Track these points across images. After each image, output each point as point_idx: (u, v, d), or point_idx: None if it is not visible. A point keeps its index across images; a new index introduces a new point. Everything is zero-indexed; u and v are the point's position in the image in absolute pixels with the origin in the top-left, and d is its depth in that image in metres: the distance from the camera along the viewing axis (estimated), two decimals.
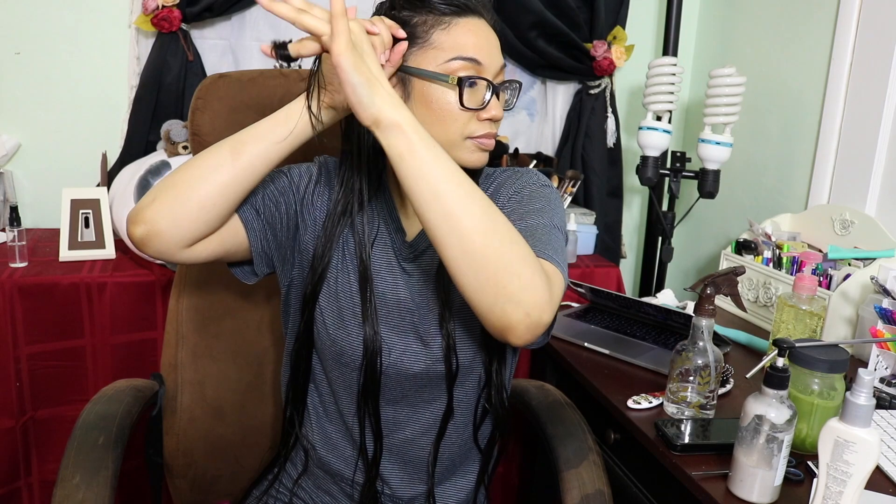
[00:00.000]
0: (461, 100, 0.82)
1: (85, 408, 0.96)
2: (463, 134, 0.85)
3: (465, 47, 0.83)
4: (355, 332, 0.90)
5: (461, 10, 0.84)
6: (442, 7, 0.83)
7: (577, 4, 1.95)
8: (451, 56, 0.82)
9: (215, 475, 1.16)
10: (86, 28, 1.72)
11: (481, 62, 0.83)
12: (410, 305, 0.91)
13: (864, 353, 1.28)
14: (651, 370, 1.24)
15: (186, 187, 0.77)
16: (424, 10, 0.84)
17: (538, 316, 0.71)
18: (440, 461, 0.96)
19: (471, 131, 0.85)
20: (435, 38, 0.83)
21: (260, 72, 1.18)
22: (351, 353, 0.90)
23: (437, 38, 0.83)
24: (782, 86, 1.81)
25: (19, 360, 1.41)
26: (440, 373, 0.91)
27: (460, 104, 0.83)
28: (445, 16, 0.83)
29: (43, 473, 1.49)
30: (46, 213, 1.75)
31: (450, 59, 0.82)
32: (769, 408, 0.83)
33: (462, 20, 0.84)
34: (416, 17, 0.83)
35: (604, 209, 2.06)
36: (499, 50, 0.87)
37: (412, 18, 0.83)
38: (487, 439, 1.01)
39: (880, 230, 1.43)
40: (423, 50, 0.83)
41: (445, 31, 0.83)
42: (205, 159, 0.79)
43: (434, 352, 0.90)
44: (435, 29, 0.83)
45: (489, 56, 0.84)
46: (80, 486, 0.83)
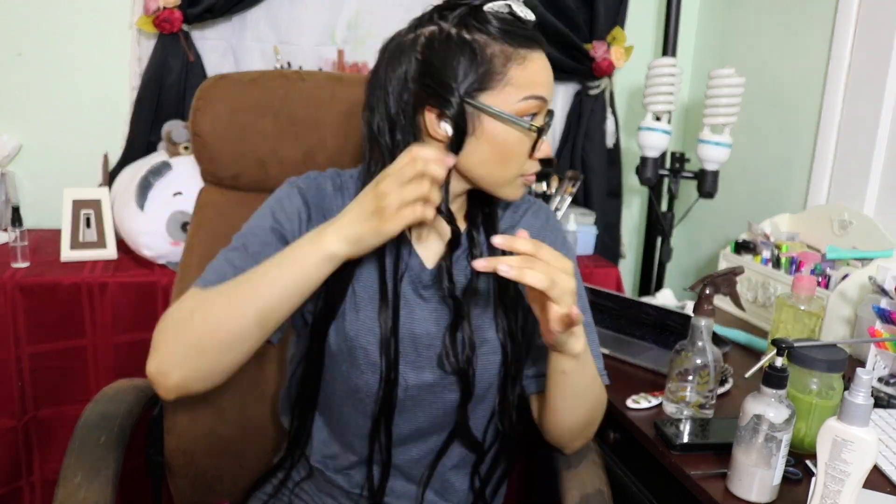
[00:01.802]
0: (533, 147, 0.83)
1: (86, 407, 0.97)
2: (519, 173, 0.85)
3: (539, 85, 0.81)
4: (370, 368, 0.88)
5: (533, 44, 0.81)
6: (518, 39, 0.80)
7: (576, 5, 1.95)
8: (526, 94, 0.80)
9: (215, 475, 1.16)
10: (87, 29, 1.72)
11: (546, 100, 0.82)
12: (431, 336, 0.89)
13: (863, 353, 1.28)
14: (650, 370, 1.24)
15: (215, 358, 0.78)
16: (503, 40, 0.79)
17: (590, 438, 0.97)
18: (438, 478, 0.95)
19: (525, 170, 0.85)
20: (512, 74, 0.79)
21: (261, 72, 1.18)
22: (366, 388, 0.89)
23: (514, 74, 0.79)
24: (781, 86, 1.81)
25: (21, 360, 1.41)
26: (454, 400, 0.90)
27: (530, 152, 0.83)
28: (521, 49, 0.80)
29: (44, 473, 1.50)
30: (48, 213, 1.75)
31: (524, 97, 0.80)
32: (768, 407, 0.83)
33: (534, 55, 0.81)
34: (493, 46, 0.79)
35: (603, 209, 2.06)
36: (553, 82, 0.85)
37: (487, 48, 0.79)
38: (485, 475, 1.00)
39: (879, 230, 1.43)
40: (499, 87, 0.79)
41: (521, 67, 0.80)
42: (228, 326, 0.77)
43: (451, 380, 0.90)
44: (512, 64, 0.79)
45: (551, 90, 0.84)
46: (81, 486, 0.83)
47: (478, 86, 0.79)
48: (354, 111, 1.18)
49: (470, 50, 0.79)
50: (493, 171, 0.84)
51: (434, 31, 0.81)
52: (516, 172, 0.84)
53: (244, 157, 1.16)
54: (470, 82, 0.79)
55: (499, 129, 0.81)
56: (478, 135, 0.81)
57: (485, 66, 0.79)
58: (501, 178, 0.84)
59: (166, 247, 1.51)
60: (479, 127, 0.81)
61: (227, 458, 1.16)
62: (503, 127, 0.81)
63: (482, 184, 0.86)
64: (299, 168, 1.17)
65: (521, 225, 0.96)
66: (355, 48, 1.93)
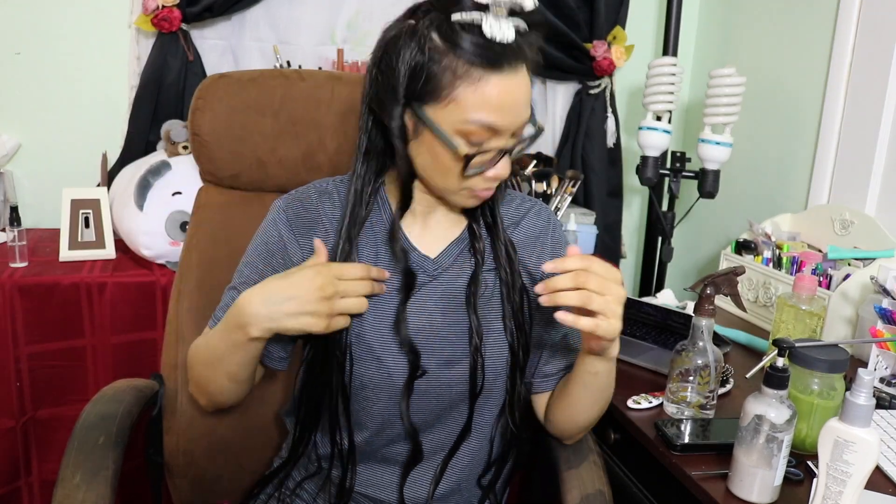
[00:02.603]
0: (464, 170, 0.79)
1: (85, 408, 0.96)
2: (461, 186, 0.82)
3: (489, 110, 0.75)
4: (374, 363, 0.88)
5: (497, 63, 0.74)
6: (476, 59, 0.73)
7: (577, 4, 1.95)
8: (470, 118, 0.75)
9: (215, 475, 1.16)
10: (86, 28, 1.72)
11: (500, 129, 0.77)
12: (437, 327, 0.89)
13: (864, 353, 1.28)
14: (651, 370, 1.24)
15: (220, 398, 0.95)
16: (455, 54, 0.74)
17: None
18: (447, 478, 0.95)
19: (471, 185, 0.82)
20: (459, 93, 0.75)
21: (260, 72, 1.18)
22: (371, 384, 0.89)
23: (461, 94, 0.75)
24: (782, 86, 1.81)
25: (19, 360, 1.41)
26: (463, 392, 0.90)
27: (462, 172, 0.79)
28: (476, 68, 0.74)
29: (43, 473, 1.49)
30: (47, 213, 1.74)
31: (467, 120, 0.75)
32: (769, 408, 0.83)
33: (495, 77, 0.74)
34: (445, 59, 0.74)
35: (604, 209, 2.06)
36: (527, 103, 0.79)
37: (439, 59, 0.74)
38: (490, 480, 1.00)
39: (880, 230, 1.43)
40: (443, 102, 0.75)
41: (472, 89, 0.74)
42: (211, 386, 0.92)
43: (460, 372, 0.89)
44: (462, 82, 0.74)
45: (513, 117, 0.78)
46: (80, 486, 0.83)
47: (420, 97, 0.77)
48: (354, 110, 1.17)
49: (418, 66, 0.75)
50: (434, 179, 0.83)
51: (408, 25, 0.78)
52: (457, 186, 0.82)
53: (243, 157, 1.16)
54: (414, 88, 0.76)
55: (434, 142, 0.78)
56: (421, 140, 0.80)
57: (431, 82, 0.75)
58: (443, 187, 0.83)
59: (165, 246, 1.50)
60: (423, 135, 0.79)
61: (226, 458, 1.16)
62: (436, 140, 0.78)
63: (429, 188, 0.86)
64: (298, 168, 1.17)
65: (523, 224, 0.96)
66: (355, 48, 1.92)
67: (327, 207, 0.92)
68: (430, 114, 0.77)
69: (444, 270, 0.91)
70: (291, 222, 0.91)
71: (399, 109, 0.78)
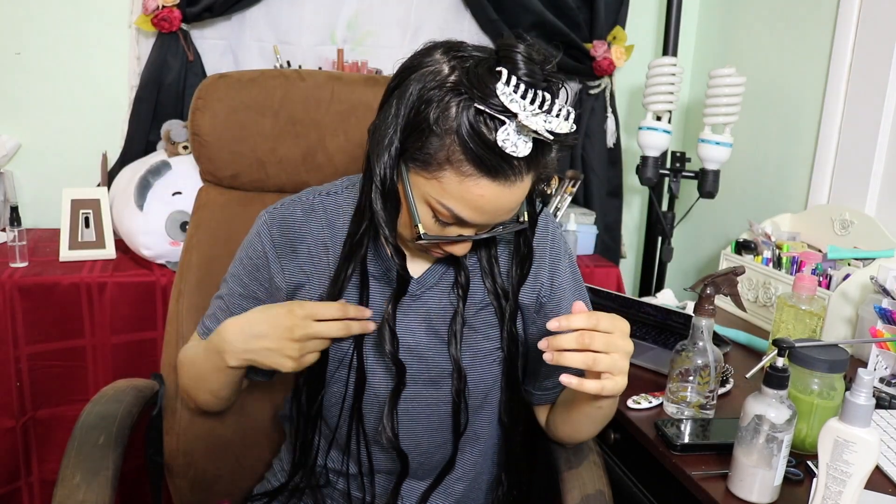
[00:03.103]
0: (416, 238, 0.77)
1: (85, 408, 0.96)
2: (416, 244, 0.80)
3: (465, 206, 0.73)
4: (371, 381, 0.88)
5: (494, 172, 0.70)
6: (474, 160, 0.69)
7: (577, 4, 1.95)
8: (445, 203, 0.73)
9: (215, 475, 1.16)
10: (86, 28, 1.72)
11: (470, 223, 0.75)
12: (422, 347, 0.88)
13: (864, 353, 1.28)
14: (651, 370, 1.24)
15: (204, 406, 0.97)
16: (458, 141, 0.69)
17: None
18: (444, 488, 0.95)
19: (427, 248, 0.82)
20: (445, 176, 0.71)
21: (260, 72, 1.18)
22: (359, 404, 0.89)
23: (447, 179, 0.71)
24: (782, 86, 1.81)
25: (19, 360, 1.41)
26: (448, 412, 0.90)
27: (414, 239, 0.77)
28: (471, 167, 0.70)
29: (43, 473, 1.49)
30: (47, 213, 1.74)
31: (441, 203, 0.73)
32: (769, 408, 0.83)
33: (485, 181, 0.71)
34: (447, 139, 0.69)
35: (604, 209, 2.06)
36: (513, 209, 0.76)
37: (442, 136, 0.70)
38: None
39: (880, 230, 1.43)
40: (428, 174, 0.72)
41: (459, 180, 0.71)
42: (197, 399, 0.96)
43: (444, 393, 0.89)
44: (451, 170, 0.71)
45: (489, 218, 0.75)
46: (80, 486, 0.83)
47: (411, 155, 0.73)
48: (354, 111, 1.17)
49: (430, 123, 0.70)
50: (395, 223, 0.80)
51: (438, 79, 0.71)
52: (411, 242, 0.81)
53: (243, 157, 1.16)
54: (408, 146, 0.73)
55: (403, 199, 0.77)
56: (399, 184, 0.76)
57: (429, 148, 0.71)
58: (401, 233, 0.81)
59: (165, 246, 1.50)
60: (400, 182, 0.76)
61: (226, 458, 1.16)
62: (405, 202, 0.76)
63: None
64: (298, 168, 1.17)
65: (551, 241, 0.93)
66: (355, 48, 1.92)
67: (313, 226, 0.89)
68: (411, 174, 0.75)
69: (428, 289, 0.89)
70: (275, 241, 0.89)
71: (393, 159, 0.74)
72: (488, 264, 0.89)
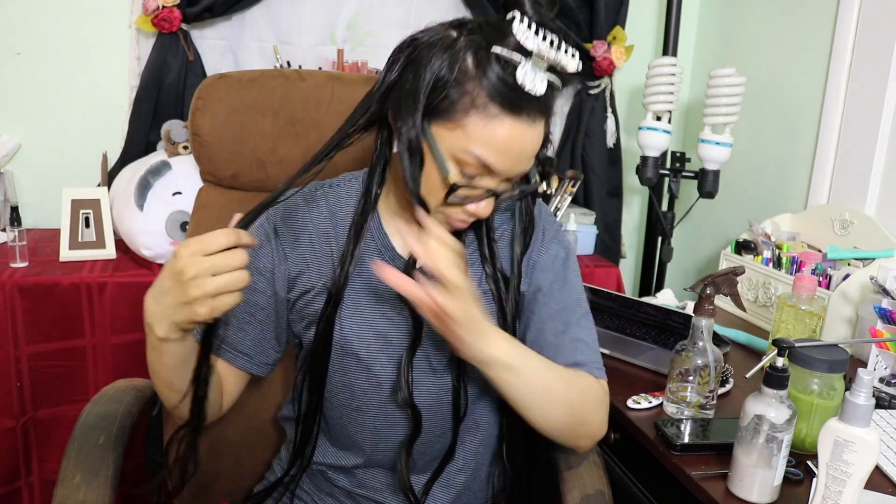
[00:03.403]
0: (446, 198, 0.78)
1: (85, 408, 0.96)
2: (438, 209, 0.80)
3: (491, 150, 0.75)
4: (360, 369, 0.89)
5: (517, 108, 0.74)
6: (498, 97, 0.73)
7: (577, 4, 1.95)
8: (471, 150, 0.75)
9: (215, 475, 1.16)
10: (86, 28, 1.72)
11: (496, 170, 0.77)
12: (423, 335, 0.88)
13: (864, 353, 1.28)
14: (651, 370, 1.24)
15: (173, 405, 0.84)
16: (480, 83, 0.73)
17: (600, 434, 0.90)
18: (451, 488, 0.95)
19: (449, 212, 0.81)
20: (470, 122, 0.74)
21: (260, 72, 1.18)
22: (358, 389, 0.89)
23: (471, 125, 0.74)
24: (782, 86, 1.81)
25: (20, 360, 1.41)
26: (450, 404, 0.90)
27: (444, 199, 0.78)
28: (495, 105, 0.73)
29: (43, 473, 1.49)
30: (47, 213, 1.74)
31: (468, 151, 0.75)
32: (769, 407, 0.83)
33: (510, 120, 0.74)
34: (469, 84, 0.73)
35: (604, 209, 2.06)
36: (533, 154, 0.79)
37: (463, 83, 0.73)
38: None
39: (880, 230, 1.43)
40: (452, 124, 0.75)
41: (484, 123, 0.74)
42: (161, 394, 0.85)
43: (444, 380, 0.89)
44: (475, 115, 0.73)
45: (513, 163, 0.77)
46: (80, 486, 0.83)
47: (434, 111, 0.75)
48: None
49: (452, 73, 0.74)
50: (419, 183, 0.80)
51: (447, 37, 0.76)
52: (436, 205, 0.80)
53: (243, 157, 1.16)
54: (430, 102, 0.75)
55: (428, 159, 0.77)
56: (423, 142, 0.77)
57: (451, 98, 0.74)
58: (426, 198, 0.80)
59: (165, 247, 1.50)
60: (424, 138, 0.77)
61: (226, 458, 1.16)
62: (431, 156, 0.77)
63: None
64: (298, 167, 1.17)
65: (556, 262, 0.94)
66: (355, 48, 1.92)
67: (314, 215, 0.91)
68: (434, 131, 0.76)
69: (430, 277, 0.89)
70: (278, 229, 0.90)
71: (418, 117, 0.75)
72: (488, 249, 0.89)
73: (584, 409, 0.87)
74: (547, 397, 0.83)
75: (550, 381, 0.83)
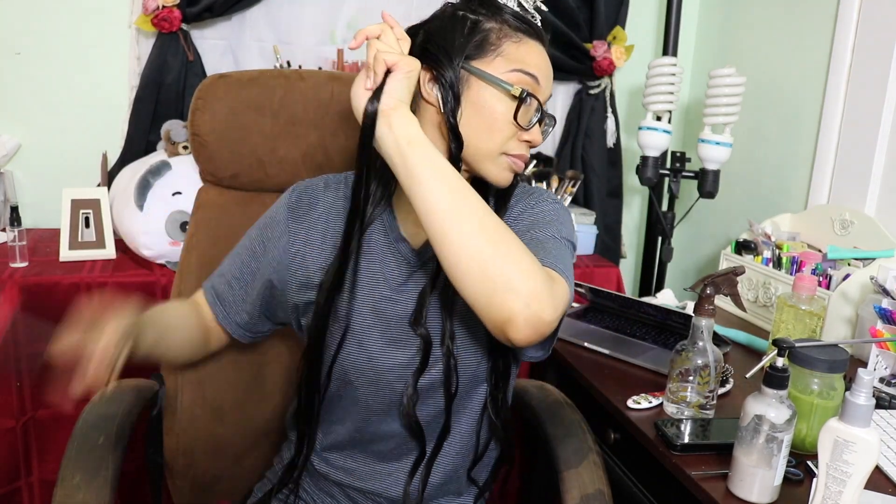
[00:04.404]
0: (516, 112, 0.82)
1: (85, 408, 0.96)
2: (501, 148, 0.85)
3: (531, 64, 0.84)
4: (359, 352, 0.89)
5: (533, 33, 0.86)
6: (517, 23, 0.85)
7: (577, 4, 1.95)
8: (516, 67, 0.83)
9: (215, 475, 1.16)
10: (86, 28, 1.72)
11: (540, 83, 0.85)
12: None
13: (864, 353, 1.28)
14: (651, 370, 1.24)
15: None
16: (500, 18, 0.85)
17: (539, 308, 0.71)
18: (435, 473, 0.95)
19: (509, 148, 0.85)
20: (505, 48, 0.84)
21: (260, 72, 1.18)
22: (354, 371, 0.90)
23: (507, 49, 0.84)
24: (782, 85, 1.81)
25: (19, 360, 1.41)
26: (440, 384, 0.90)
27: (513, 117, 0.82)
28: (518, 31, 0.85)
29: (43, 473, 1.49)
30: (47, 213, 1.74)
31: (514, 69, 0.83)
32: (769, 408, 0.83)
33: (531, 41, 0.86)
34: (490, 22, 0.84)
35: (604, 209, 2.06)
36: (552, 80, 0.89)
37: (486, 23, 0.84)
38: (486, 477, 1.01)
39: (880, 230, 1.43)
40: (490, 56, 0.83)
41: (516, 45, 0.84)
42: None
43: (435, 363, 0.89)
44: (507, 40, 0.84)
45: (546, 80, 0.86)
46: (80, 486, 0.83)
47: (470, 53, 0.83)
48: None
49: (470, 23, 0.84)
50: (476, 139, 0.84)
51: (444, 8, 0.88)
52: (500, 144, 0.84)
53: (243, 157, 1.16)
54: (463, 49, 0.83)
55: (483, 94, 0.83)
56: (467, 100, 0.83)
57: (480, 36, 0.83)
58: (485, 148, 0.84)
59: (165, 247, 1.50)
60: (467, 91, 0.83)
61: (226, 458, 1.16)
62: (488, 91, 0.83)
63: (466, 155, 0.85)
64: (298, 168, 1.17)
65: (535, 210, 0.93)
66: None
67: (330, 196, 0.94)
68: (475, 66, 0.83)
69: (425, 263, 0.90)
70: (291, 204, 0.94)
71: (459, 59, 0.83)
72: None
73: (516, 255, 0.73)
74: (469, 213, 0.74)
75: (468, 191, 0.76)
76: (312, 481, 1.00)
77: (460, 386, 0.90)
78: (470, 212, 0.74)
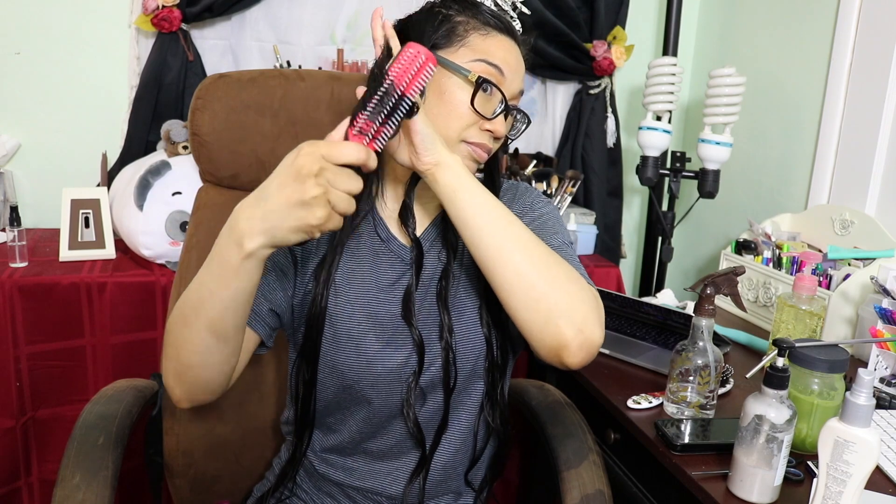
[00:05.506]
0: (472, 98, 0.83)
1: (85, 408, 0.96)
2: (461, 135, 0.85)
3: (496, 56, 0.85)
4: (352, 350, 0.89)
5: (503, 28, 0.88)
6: (488, 17, 0.87)
7: (577, 4, 1.95)
8: (479, 57, 0.85)
9: (215, 475, 1.16)
10: (86, 28, 1.72)
11: (504, 75, 0.85)
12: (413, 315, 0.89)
13: (864, 353, 1.28)
14: (651, 370, 1.24)
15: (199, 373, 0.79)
16: (471, 12, 0.87)
17: (590, 332, 0.75)
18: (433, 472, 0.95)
19: (468, 135, 0.85)
20: (471, 39, 0.86)
21: (260, 72, 1.18)
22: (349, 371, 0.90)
23: (473, 41, 0.86)
24: (782, 86, 1.81)
25: (19, 360, 1.41)
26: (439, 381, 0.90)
27: (470, 103, 0.83)
28: (488, 25, 0.87)
29: (43, 473, 1.49)
30: (46, 213, 1.75)
31: (477, 59, 0.85)
32: (769, 408, 0.83)
33: (500, 36, 0.87)
34: (461, 16, 0.87)
35: (604, 209, 2.06)
36: (523, 77, 0.90)
37: (456, 17, 0.86)
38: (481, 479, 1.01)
39: (880, 230, 1.43)
40: (455, 46, 0.85)
41: (482, 38, 0.86)
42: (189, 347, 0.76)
43: (434, 360, 0.89)
44: (474, 32, 0.86)
45: (513, 74, 0.87)
46: (80, 486, 0.83)
47: (437, 42, 0.85)
48: None
49: (441, 16, 0.86)
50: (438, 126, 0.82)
51: (425, 4, 0.90)
52: (458, 131, 0.84)
53: (243, 157, 1.15)
54: (431, 39, 0.85)
55: (445, 80, 0.84)
56: (429, 87, 0.83)
57: (447, 27, 0.86)
58: (444, 135, 0.82)
59: (165, 246, 1.50)
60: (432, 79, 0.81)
61: (226, 458, 1.16)
62: (451, 79, 0.84)
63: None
64: None
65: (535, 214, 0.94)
66: (355, 48, 1.92)
67: None
68: (443, 55, 0.85)
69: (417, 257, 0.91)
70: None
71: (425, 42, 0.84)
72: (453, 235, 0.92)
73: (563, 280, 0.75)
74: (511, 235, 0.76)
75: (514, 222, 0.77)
76: (312, 482, 1.00)
77: (459, 380, 0.90)
78: (519, 245, 0.76)
